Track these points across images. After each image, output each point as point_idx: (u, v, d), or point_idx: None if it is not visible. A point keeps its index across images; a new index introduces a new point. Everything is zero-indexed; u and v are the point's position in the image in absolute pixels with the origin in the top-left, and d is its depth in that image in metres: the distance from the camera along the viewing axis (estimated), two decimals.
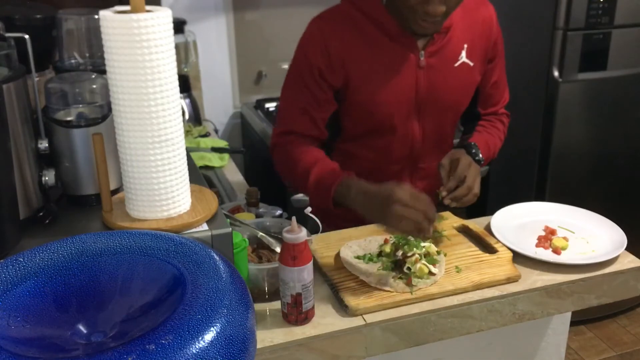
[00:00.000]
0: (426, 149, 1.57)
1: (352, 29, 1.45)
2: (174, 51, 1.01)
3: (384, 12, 1.44)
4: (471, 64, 1.52)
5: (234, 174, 2.26)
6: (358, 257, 1.33)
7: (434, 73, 1.49)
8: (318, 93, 1.47)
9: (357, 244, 1.38)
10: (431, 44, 1.47)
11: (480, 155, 1.52)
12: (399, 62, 1.46)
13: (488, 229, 1.44)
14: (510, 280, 1.27)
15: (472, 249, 1.38)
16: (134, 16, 0.95)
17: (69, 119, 1.13)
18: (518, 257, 1.34)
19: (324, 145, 1.54)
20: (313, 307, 1.16)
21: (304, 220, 1.23)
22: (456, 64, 1.50)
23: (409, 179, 1.59)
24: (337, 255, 1.34)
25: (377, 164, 1.56)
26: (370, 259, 1.32)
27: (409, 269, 1.24)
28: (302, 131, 1.48)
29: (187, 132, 2.47)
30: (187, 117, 2.55)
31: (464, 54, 1.50)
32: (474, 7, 1.52)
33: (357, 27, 1.45)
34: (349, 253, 1.33)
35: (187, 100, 2.58)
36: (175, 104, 1.03)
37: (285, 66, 2.82)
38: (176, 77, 1.03)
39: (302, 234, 1.10)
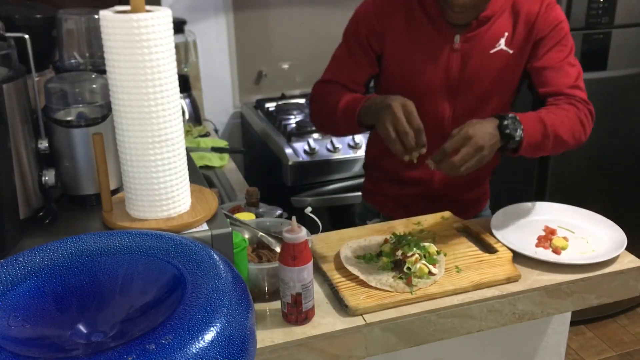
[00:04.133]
0: None
1: (400, 5, 1.55)
2: (174, 51, 1.01)
3: None
4: (510, 51, 1.52)
5: (234, 174, 2.26)
6: (358, 257, 1.33)
7: (468, 58, 1.52)
8: (361, 53, 1.58)
9: (357, 244, 1.38)
10: (468, 30, 1.51)
11: (517, 131, 1.35)
12: (433, 43, 1.53)
13: (488, 229, 1.44)
14: (510, 280, 1.27)
15: (472, 249, 1.38)
16: (134, 16, 0.95)
17: (69, 118, 1.13)
18: (518, 257, 1.34)
19: None
20: (313, 307, 1.16)
21: (304, 221, 1.23)
22: (492, 51, 1.52)
23: None
24: (337, 255, 1.34)
25: None
26: (370, 259, 1.32)
27: (409, 268, 1.25)
28: (342, 81, 1.59)
29: (187, 132, 2.47)
30: (187, 117, 2.55)
31: (502, 41, 1.51)
32: (525, 2, 1.52)
33: (405, 4, 1.55)
34: (349, 253, 1.33)
35: (187, 100, 2.58)
36: (175, 104, 1.03)
37: (285, 66, 2.86)
38: (176, 77, 1.03)
39: (302, 234, 1.10)
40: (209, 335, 0.75)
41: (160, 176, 1.04)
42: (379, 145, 1.54)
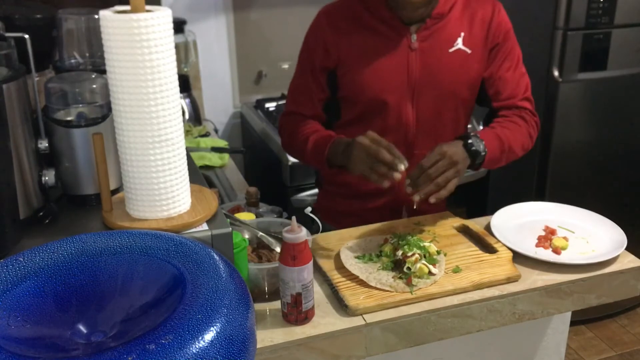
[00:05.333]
0: (421, 135, 1.57)
1: (351, 15, 1.55)
2: (174, 51, 1.01)
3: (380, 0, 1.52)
4: (468, 51, 1.53)
5: (234, 174, 2.26)
6: (358, 257, 1.33)
7: (427, 56, 1.52)
8: (315, 76, 1.59)
9: (357, 244, 1.38)
10: (423, 28, 1.51)
11: (481, 146, 1.43)
12: (390, 45, 1.52)
13: (488, 229, 1.44)
14: (510, 280, 1.27)
15: (472, 249, 1.38)
16: (134, 16, 0.95)
17: (69, 118, 1.13)
18: (518, 257, 1.34)
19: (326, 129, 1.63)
20: (313, 307, 1.16)
21: (304, 220, 1.23)
22: (451, 49, 1.52)
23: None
24: (337, 255, 1.34)
25: None
26: (370, 259, 1.32)
27: (408, 268, 1.25)
28: (301, 111, 1.61)
29: (187, 132, 2.47)
30: (187, 117, 2.55)
31: (460, 40, 1.52)
32: (476, 3, 1.55)
33: (355, 14, 1.54)
34: (349, 253, 1.33)
35: (187, 100, 2.58)
36: (175, 104, 1.03)
37: (285, 66, 2.86)
38: (176, 77, 1.03)
39: (302, 234, 1.10)
40: (209, 335, 0.75)
41: (160, 176, 1.04)
42: None
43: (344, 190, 1.67)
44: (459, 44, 1.52)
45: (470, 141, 1.43)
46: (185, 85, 2.56)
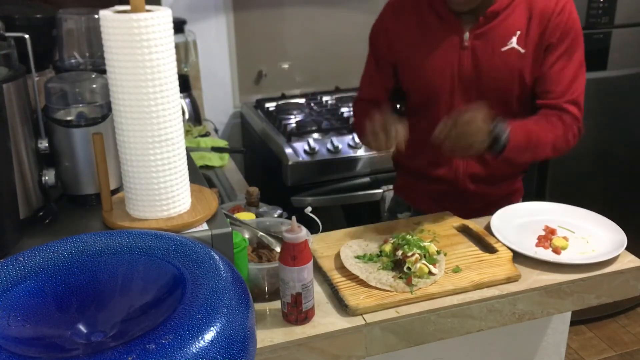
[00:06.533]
0: None
1: (412, 9, 1.60)
2: (174, 51, 1.01)
3: None
4: (522, 50, 1.51)
5: (234, 174, 2.26)
6: (358, 257, 1.33)
7: (478, 54, 1.53)
8: (380, 66, 1.68)
9: (357, 244, 1.38)
10: (477, 27, 1.52)
11: (505, 133, 1.42)
12: (444, 42, 1.56)
13: (488, 228, 1.44)
14: (510, 280, 1.27)
15: (472, 249, 1.38)
16: (134, 16, 0.95)
17: (69, 118, 1.13)
18: (518, 257, 1.34)
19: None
20: (313, 307, 1.16)
21: (304, 220, 1.23)
22: (504, 49, 1.52)
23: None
24: (337, 255, 1.34)
25: (430, 136, 1.53)
26: (370, 259, 1.32)
27: (409, 268, 1.25)
28: (367, 97, 1.71)
29: (187, 132, 2.46)
30: (187, 116, 2.55)
31: (514, 39, 1.51)
32: None
33: (416, 8, 1.60)
34: (349, 253, 1.33)
35: (187, 100, 2.58)
36: (175, 104, 1.03)
37: (285, 66, 2.86)
38: (176, 77, 1.03)
39: (302, 233, 1.10)
40: (209, 335, 0.75)
41: (160, 176, 1.04)
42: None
43: (413, 173, 1.77)
44: (513, 42, 1.51)
45: (494, 124, 1.42)
46: (185, 85, 2.56)
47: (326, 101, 2.76)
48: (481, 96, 1.54)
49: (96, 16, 1.20)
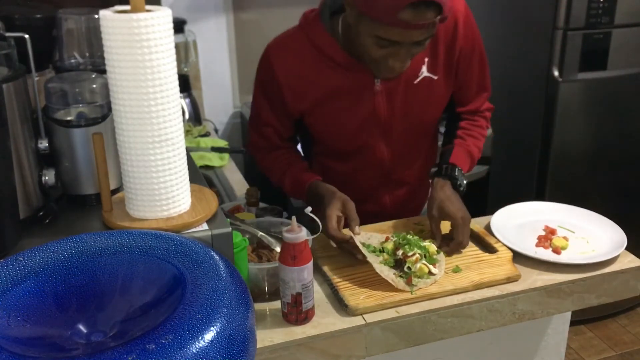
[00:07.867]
0: (398, 164, 1.58)
1: (305, 58, 1.44)
2: (174, 51, 1.01)
3: (333, 44, 1.41)
4: (435, 77, 1.46)
5: (234, 174, 2.26)
6: (364, 244, 1.32)
7: (393, 95, 1.46)
8: (278, 116, 1.52)
9: (359, 241, 1.37)
10: None
11: (464, 183, 1.46)
12: (354, 90, 1.45)
13: (488, 228, 1.44)
14: (510, 280, 1.27)
15: (472, 249, 1.38)
16: (134, 16, 0.95)
17: (69, 118, 1.13)
18: (518, 257, 1.34)
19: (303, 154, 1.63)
20: (313, 307, 1.16)
21: (304, 221, 1.23)
22: (416, 81, 1.45)
23: (385, 188, 1.61)
24: (338, 255, 1.33)
25: (351, 177, 1.58)
26: (373, 251, 1.32)
27: (409, 268, 1.25)
28: (265, 146, 1.58)
29: (187, 132, 2.46)
30: (187, 116, 2.55)
31: (424, 68, 1.45)
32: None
33: (311, 55, 1.44)
34: (358, 238, 1.32)
35: (187, 100, 2.57)
36: (175, 104, 1.03)
37: None
38: (176, 77, 1.03)
39: (302, 233, 1.10)
40: (209, 335, 0.75)
41: (160, 176, 1.04)
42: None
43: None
44: (424, 72, 1.45)
45: (458, 182, 1.45)
46: (185, 85, 2.56)
47: None
48: (402, 135, 1.52)
49: (96, 16, 1.20)
